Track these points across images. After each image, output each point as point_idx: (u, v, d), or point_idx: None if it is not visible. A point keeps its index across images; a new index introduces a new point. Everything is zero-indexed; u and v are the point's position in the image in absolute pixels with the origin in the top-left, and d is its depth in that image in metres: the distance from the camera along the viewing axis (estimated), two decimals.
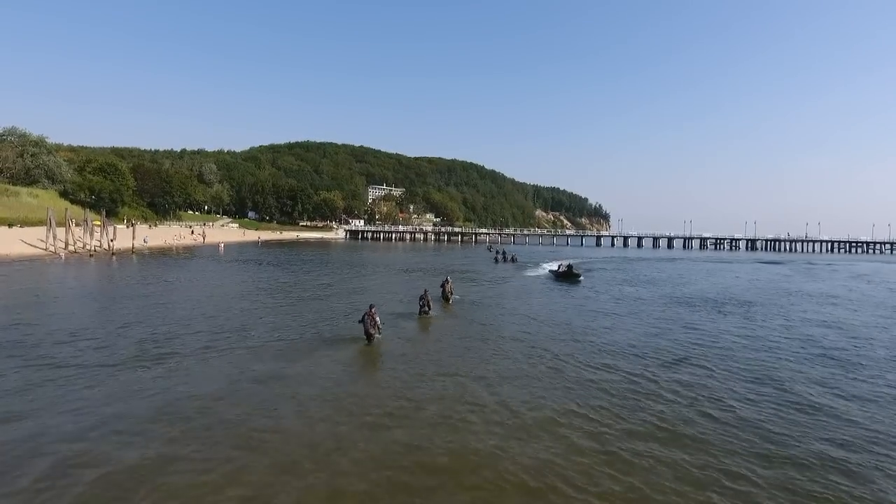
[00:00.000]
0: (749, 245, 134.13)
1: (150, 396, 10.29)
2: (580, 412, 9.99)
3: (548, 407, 10.23)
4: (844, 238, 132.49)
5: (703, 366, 13.75)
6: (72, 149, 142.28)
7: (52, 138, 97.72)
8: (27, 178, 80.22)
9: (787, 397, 11.20)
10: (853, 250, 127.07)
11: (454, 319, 20.59)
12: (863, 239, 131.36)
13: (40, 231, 51.70)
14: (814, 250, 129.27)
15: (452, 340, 16.63)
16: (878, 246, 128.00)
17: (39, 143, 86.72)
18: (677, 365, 13.77)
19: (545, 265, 50.54)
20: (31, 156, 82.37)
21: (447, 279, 25.29)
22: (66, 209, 57.97)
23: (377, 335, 15.27)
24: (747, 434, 9.08)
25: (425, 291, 20.83)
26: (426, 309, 20.20)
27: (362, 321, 15.18)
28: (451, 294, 24.42)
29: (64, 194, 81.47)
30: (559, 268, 40.19)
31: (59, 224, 51.43)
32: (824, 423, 9.78)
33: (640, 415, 9.94)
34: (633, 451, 8.28)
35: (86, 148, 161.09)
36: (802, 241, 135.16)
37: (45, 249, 47.88)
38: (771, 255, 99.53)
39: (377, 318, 15.26)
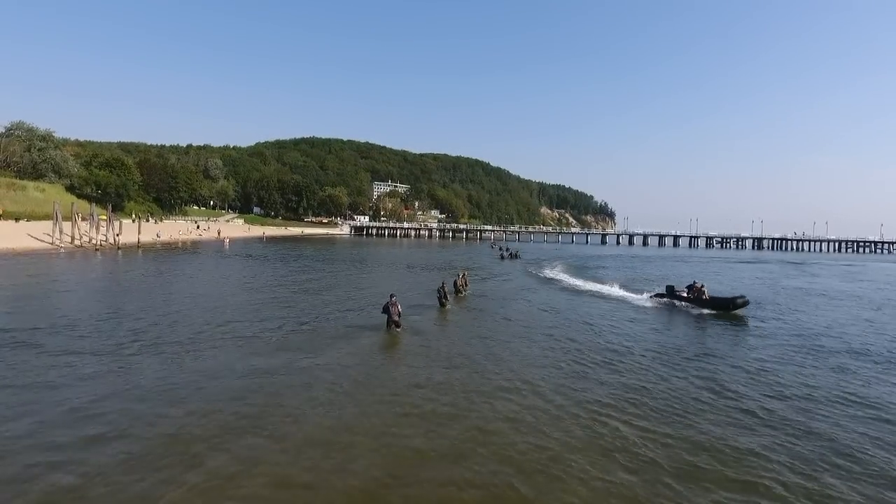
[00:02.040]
0: (755, 244, 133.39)
1: (159, 385, 10.26)
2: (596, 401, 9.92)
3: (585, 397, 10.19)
4: (852, 237, 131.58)
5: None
6: (79, 143, 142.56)
7: (60, 133, 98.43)
8: (34, 173, 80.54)
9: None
10: (861, 250, 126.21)
11: (468, 312, 21.30)
12: (871, 238, 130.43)
13: (47, 225, 51.94)
14: (821, 249, 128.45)
15: (469, 330, 17.37)
16: (886, 246, 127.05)
17: (47, 137, 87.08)
18: (697, 358, 13.69)
19: (577, 272, 41.20)
20: (39, 150, 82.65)
21: (461, 273, 26.58)
22: (73, 203, 58.25)
23: (401, 322, 16.06)
24: None
25: (443, 284, 21.91)
26: (444, 300, 21.13)
27: (385, 310, 16.02)
28: (465, 288, 25.48)
29: (70, 189, 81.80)
30: (680, 291, 24.74)
31: (66, 218, 51.68)
32: None
33: (663, 411, 9.85)
34: (629, 441, 8.22)
35: (93, 143, 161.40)
36: (809, 241, 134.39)
37: (52, 244, 48.13)
38: (777, 255, 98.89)
39: (399, 307, 16.10)
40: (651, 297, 25.93)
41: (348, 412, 9.49)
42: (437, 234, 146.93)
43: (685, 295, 24.26)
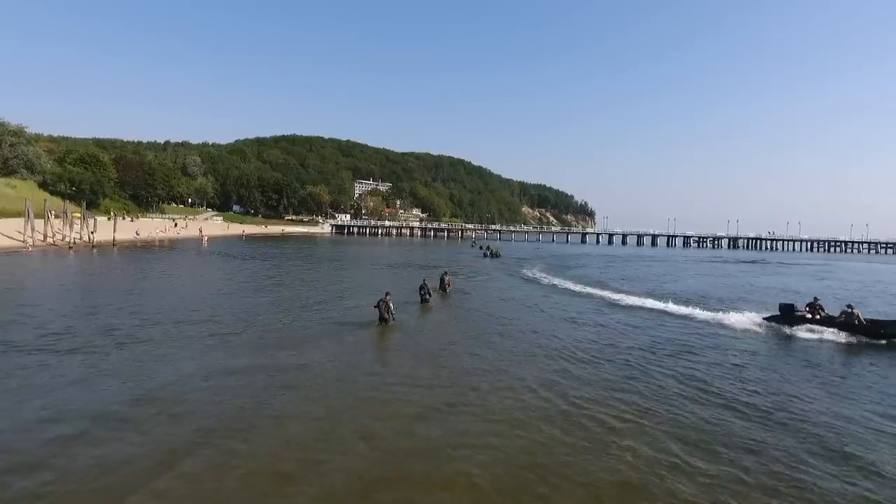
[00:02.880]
0: (731, 243, 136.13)
1: (128, 384, 10.25)
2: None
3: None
4: (824, 237, 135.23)
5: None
6: (52, 139, 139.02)
7: (32, 128, 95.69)
8: (5, 169, 78.48)
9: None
10: (832, 249, 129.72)
11: (451, 308, 21.97)
12: (841, 238, 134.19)
13: (18, 223, 50.68)
14: (794, 249, 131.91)
15: (452, 324, 18.16)
16: (855, 245, 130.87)
17: (18, 132, 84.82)
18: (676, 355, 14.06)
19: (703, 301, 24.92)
20: (10, 146, 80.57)
21: (446, 272, 27.69)
22: (45, 200, 56.87)
23: (391, 319, 16.82)
24: None
25: (424, 281, 22.42)
26: (426, 297, 21.73)
27: (378, 306, 16.82)
28: (449, 286, 26.35)
29: (43, 185, 79.93)
30: (801, 311, 18.60)
31: (38, 216, 50.51)
32: None
33: (619, 394, 10.18)
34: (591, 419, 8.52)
35: (67, 138, 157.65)
36: (783, 240, 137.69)
37: (23, 241, 47.03)
38: (752, 254, 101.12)
39: (391, 305, 16.90)
40: (764, 319, 19.06)
41: (330, 410, 9.57)
42: (419, 232, 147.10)
43: (810, 316, 18.14)
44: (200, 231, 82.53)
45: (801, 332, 17.45)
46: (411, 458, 7.70)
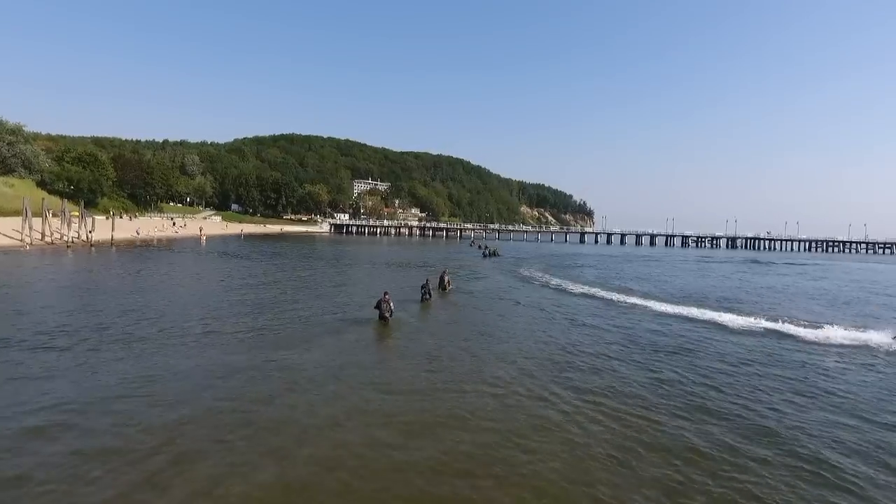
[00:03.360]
0: (729, 243, 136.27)
1: (129, 382, 10.19)
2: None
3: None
4: (822, 237, 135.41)
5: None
6: (50, 138, 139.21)
7: (30, 127, 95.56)
8: (3, 167, 78.29)
9: None
10: (829, 249, 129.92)
11: (453, 307, 22.20)
12: (839, 238, 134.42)
13: (16, 221, 50.57)
14: (792, 249, 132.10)
15: (451, 323, 18.27)
16: (853, 245, 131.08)
17: (16, 131, 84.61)
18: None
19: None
20: (8, 144, 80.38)
21: (445, 271, 27.99)
22: (43, 199, 56.75)
23: (390, 316, 17.12)
24: None
25: (427, 280, 22.82)
26: (427, 296, 22.13)
27: (378, 306, 17.14)
28: (449, 285, 26.63)
29: (41, 184, 79.69)
30: None
31: (36, 215, 50.38)
32: None
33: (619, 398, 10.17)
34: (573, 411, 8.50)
35: (65, 137, 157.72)
36: (781, 240, 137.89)
37: (21, 241, 46.93)
38: (751, 254, 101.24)
39: (391, 304, 17.18)
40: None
41: (327, 411, 9.51)
42: (418, 232, 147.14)
43: None
44: (201, 230, 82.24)
45: None
46: (404, 466, 7.59)
